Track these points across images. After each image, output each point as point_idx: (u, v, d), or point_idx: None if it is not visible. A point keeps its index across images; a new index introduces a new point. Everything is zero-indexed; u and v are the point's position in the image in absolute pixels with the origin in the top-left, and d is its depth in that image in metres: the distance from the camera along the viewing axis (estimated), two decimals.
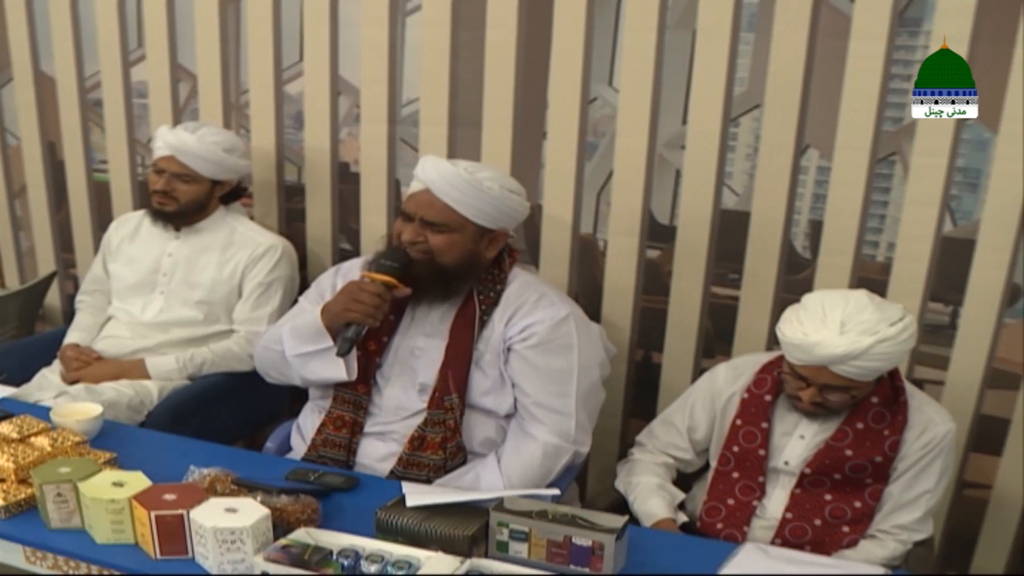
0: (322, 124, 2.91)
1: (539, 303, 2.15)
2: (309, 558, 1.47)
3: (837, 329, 1.90)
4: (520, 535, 1.59)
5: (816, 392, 1.99)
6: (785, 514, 2.07)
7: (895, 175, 2.42)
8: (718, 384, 2.23)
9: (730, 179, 2.54)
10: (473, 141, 2.72)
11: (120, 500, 1.59)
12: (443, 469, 2.10)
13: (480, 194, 2.08)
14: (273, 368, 2.26)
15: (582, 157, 2.63)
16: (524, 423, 2.13)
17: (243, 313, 2.74)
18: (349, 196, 2.97)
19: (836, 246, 2.48)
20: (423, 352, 2.16)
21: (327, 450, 2.16)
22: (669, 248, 2.65)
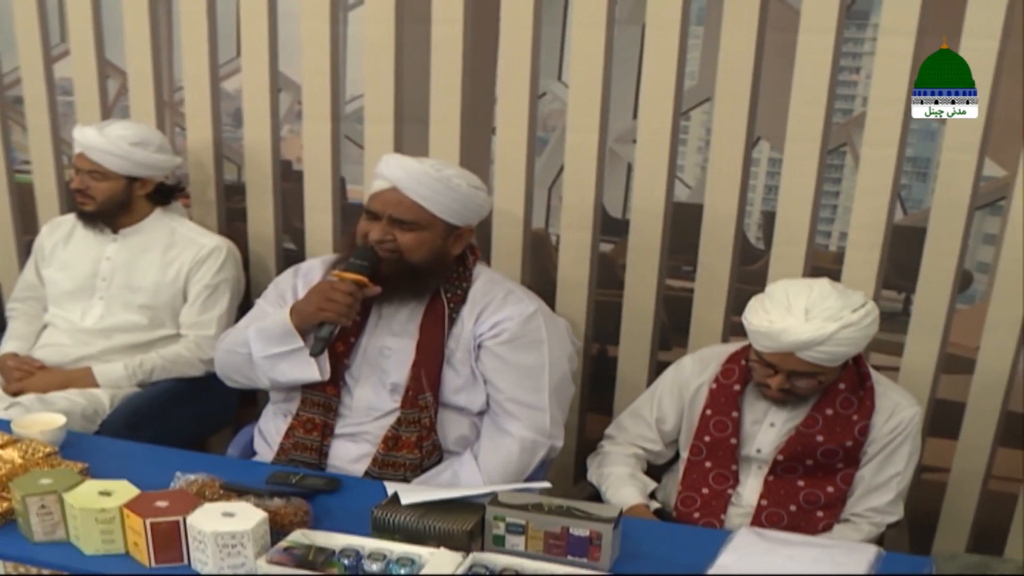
0: (262, 121, 2.97)
1: (507, 299, 2.27)
2: (313, 559, 1.56)
3: (802, 316, 2.05)
4: (517, 528, 1.69)
5: (784, 379, 2.13)
6: (760, 501, 2.23)
7: (846, 165, 2.59)
8: (685, 375, 2.37)
9: (682, 172, 2.69)
10: (420, 137, 2.80)
11: (110, 509, 1.65)
12: (419, 468, 2.21)
13: (449, 191, 2.18)
14: (237, 372, 2.33)
15: (532, 152, 2.74)
16: (499, 419, 2.25)
17: (190, 317, 2.80)
18: (292, 195, 3.05)
19: (789, 236, 2.63)
20: (392, 352, 2.25)
21: (298, 453, 2.25)
22: (622, 242, 2.78)
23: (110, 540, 1.66)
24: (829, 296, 2.09)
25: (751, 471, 2.27)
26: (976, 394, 2.70)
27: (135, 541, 1.64)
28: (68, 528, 1.69)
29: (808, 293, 2.09)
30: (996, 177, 2.51)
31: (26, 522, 1.69)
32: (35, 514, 1.67)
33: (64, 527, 1.69)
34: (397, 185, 2.18)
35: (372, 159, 2.85)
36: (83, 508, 1.65)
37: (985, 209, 2.57)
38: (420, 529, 1.67)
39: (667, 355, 2.85)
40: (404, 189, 2.17)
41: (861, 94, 2.53)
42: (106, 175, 2.77)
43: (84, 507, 1.65)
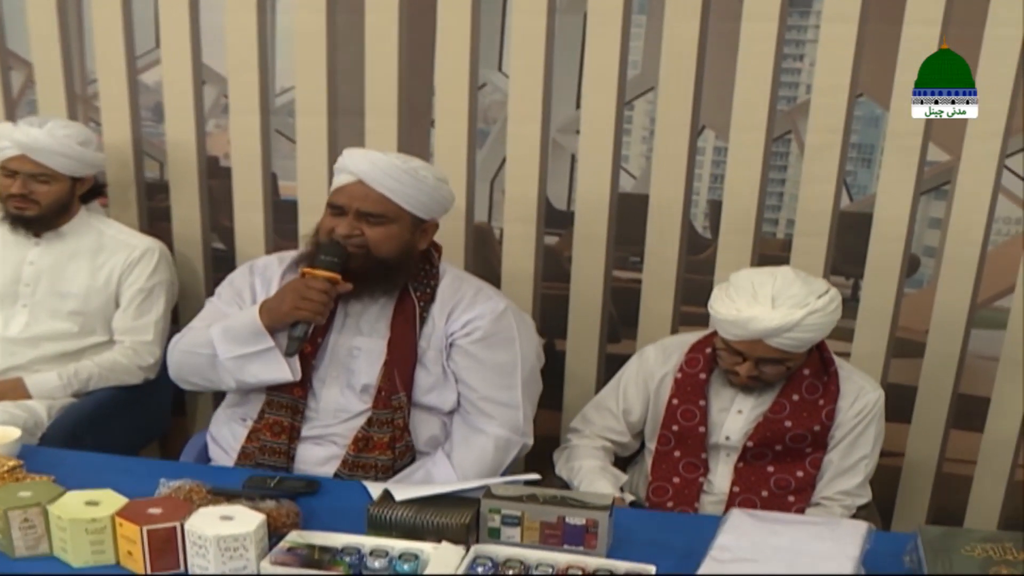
0: (185, 116, 3.08)
1: (477, 297, 2.44)
2: (319, 558, 1.69)
3: (769, 304, 2.26)
4: (512, 520, 1.84)
5: (752, 366, 2.34)
6: (732, 488, 2.43)
7: (791, 153, 2.80)
8: (649, 366, 2.57)
9: (627, 162, 2.87)
10: (355, 131, 2.94)
11: (101, 519, 1.72)
12: (391, 469, 2.35)
13: (416, 183, 2.32)
14: (196, 374, 2.44)
15: (473, 145, 2.90)
16: (471, 418, 2.41)
17: (125, 322, 2.90)
18: (220, 192, 3.16)
19: (736, 225, 2.84)
20: (361, 352, 2.39)
21: (265, 457, 2.37)
22: (568, 234, 2.97)
23: (100, 551, 1.74)
24: (793, 283, 2.30)
25: (720, 459, 2.47)
26: (927, 377, 2.95)
27: (129, 550, 1.73)
28: (52, 541, 1.77)
29: (772, 281, 2.30)
30: (940, 161, 2.74)
31: (6, 537, 1.76)
32: (17, 528, 1.74)
33: (48, 540, 1.77)
34: (363, 178, 2.31)
35: (305, 154, 3.01)
36: (73, 519, 1.72)
37: (930, 194, 2.79)
38: (418, 525, 1.82)
39: (616, 348, 3.04)
40: (370, 182, 2.31)
41: (805, 81, 2.73)
42: (54, 177, 2.83)
43: (74, 518, 1.73)
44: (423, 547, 1.72)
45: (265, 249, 3.15)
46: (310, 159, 3.03)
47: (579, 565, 1.72)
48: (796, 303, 2.26)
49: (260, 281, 2.50)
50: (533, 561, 1.74)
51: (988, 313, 2.89)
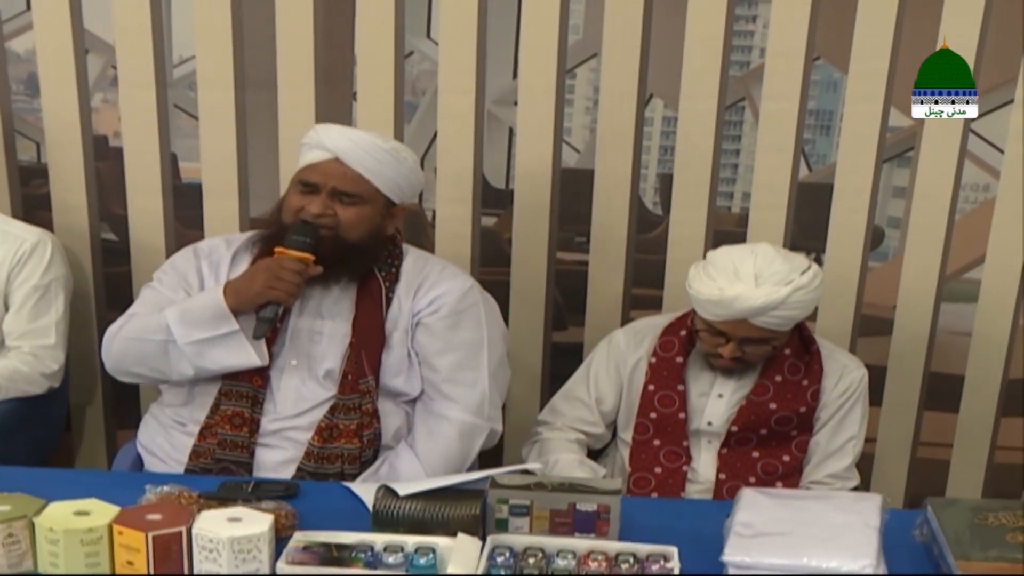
0: (65, 89, 3.30)
1: (443, 275, 2.74)
2: (338, 555, 1.94)
3: (752, 282, 2.59)
4: (521, 509, 2.08)
5: (736, 347, 2.67)
6: (718, 475, 2.77)
7: (745, 122, 3.15)
8: (620, 351, 2.90)
9: (569, 135, 3.20)
10: (267, 105, 3.22)
11: (97, 528, 1.88)
12: (358, 460, 2.62)
13: (396, 164, 2.62)
14: (141, 363, 2.65)
15: (400, 119, 3.20)
16: (433, 404, 2.70)
17: (19, 325, 3.09)
18: (110, 176, 3.39)
19: (689, 200, 3.20)
20: (323, 336, 2.67)
21: (226, 453, 2.61)
22: (507, 214, 3.29)
23: (95, 563, 1.90)
24: (775, 260, 2.64)
25: (702, 446, 2.82)
26: (896, 356, 3.35)
27: (129, 560, 1.92)
28: (37, 557, 1.95)
29: (753, 258, 2.63)
30: (903, 127, 3.12)
31: None
32: (1, 544, 1.93)
33: (32, 556, 1.97)
34: (340, 156, 2.58)
35: (209, 132, 3.28)
36: (68, 530, 1.88)
37: (893, 161, 3.18)
38: (426, 518, 2.08)
39: (563, 336, 3.40)
40: (349, 160, 2.58)
41: (759, 45, 3.09)
42: None
43: (69, 528, 1.89)
44: (437, 541, 1.99)
45: (165, 239, 3.40)
46: (215, 137, 3.28)
47: (600, 550, 1.99)
48: (780, 280, 2.60)
49: (207, 265, 2.75)
50: (553, 548, 2.01)
51: (958, 286, 3.30)
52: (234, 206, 3.34)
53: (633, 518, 2.14)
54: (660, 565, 1.91)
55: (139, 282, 3.41)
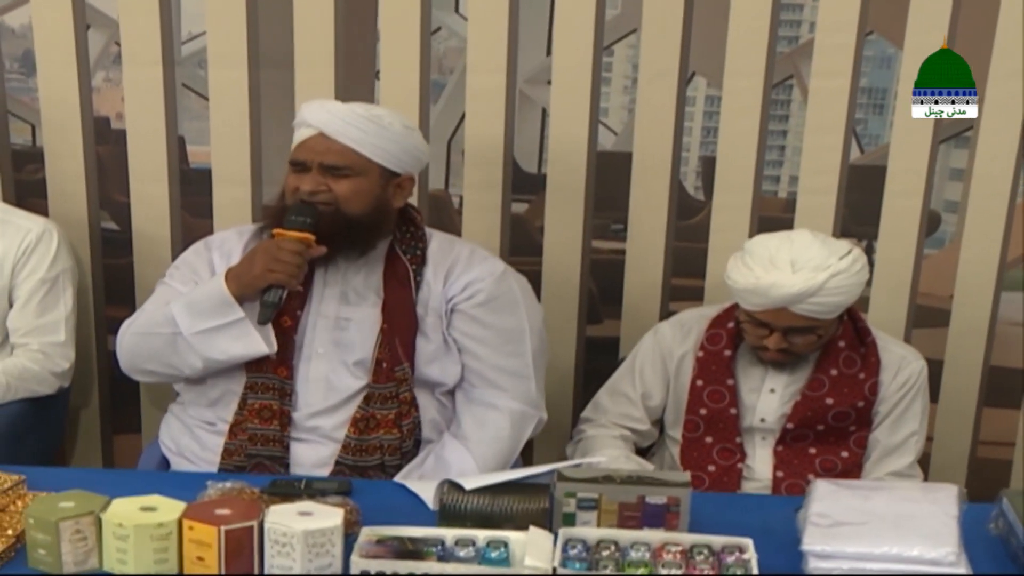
0: (65, 67, 3.45)
1: (472, 259, 2.93)
2: (414, 548, 2.10)
3: (788, 269, 2.77)
4: (589, 503, 2.25)
5: (781, 337, 2.85)
6: (775, 473, 2.97)
7: (793, 101, 3.34)
8: (666, 344, 3.09)
9: (606, 116, 3.39)
10: (283, 85, 3.39)
11: (168, 524, 2.05)
12: (399, 450, 2.80)
13: (381, 131, 2.78)
14: (153, 359, 2.84)
15: (426, 99, 3.38)
16: (479, 392, 2.89)
17: (26, 321, 3.25)
18: (112, 161, 3.55)
19: (732, 184, 3.39)
20: (351, 322, 2.85)
21: (258, 448, 2.79)
22: (539, 200, 3.47)
23: (163, 560, 2.07)
24: (812, 246, 2.83)
25: (756, 442, 3.02)
26: (954, 350, 3.54)
27: (199, 556, 2.07)
28: (103, 554, 2.13)
29: (790, 245, 2.83)
30: None
31: (53, 552, 2.10)
32: (68, 541, 2.09)
33: (97, 554, 2.14)
34: (323, 130, 2.77)
35: (220, 113, 3.45)
36: (138, 525, 2.05)
37: (950, 141, 3.36)
38: (494, 513, 2.27)
39: (597, 330, 3.59)
40: (332, 133, 2.76)
41: (808, 19, 3.28)
42: None
43: (139, 524, 2.05)
44: (508, 534, 2.18)
45: (171, 228, 3.57)
46: (226, 119, 3.46)
47: (674, 542, 2.17)
48: (817, 266, 2.78)
49: (219, 256, 2.94)
50: (626, 541, 2.18)
51: (1019, 273, 3.48)
52: (246, 193, 3.50)
53: (698, 513, 2.30)
54: (736, 557, 2.10)
55: (142, 275, 3.59)
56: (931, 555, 2.05)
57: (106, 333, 3.73)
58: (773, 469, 2.99)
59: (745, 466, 3.01)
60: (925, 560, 2.06)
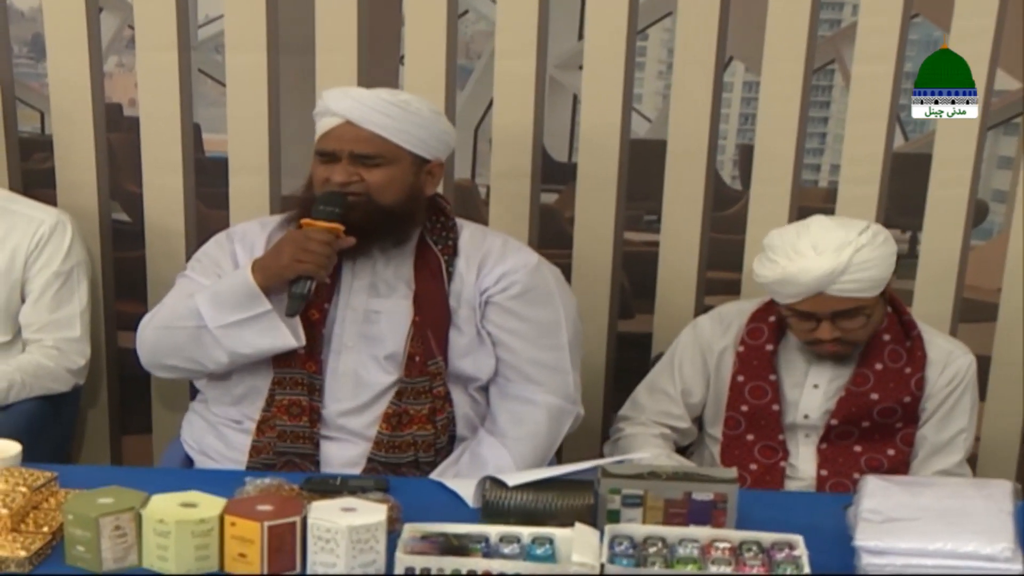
0: (76, 52, 3.54)
1: (506, 250, 3.00)
2: (459, 544, 2.18)
3: (811, 253, 2.85)
4: (634, 500, 2.32)
5: (831, 325, 2.92)
6: (819, 472, 3.05)
7: (835, 86, 3.44)
8: (705, 338, 3.17)
9: (639, 102, 3.47)
10: (304, 70, 3.48)
11: (209, 519, 2.13)
12: (433, 447, 2.88)
13: (409, 116, 2.86)
14: (175, 353, 2.91)
15: (452, 85, 3.45)
16: (515, 387, 2.96)
17: (39, 316, 3.32)
18: (124, 150, 3.67)
19: (771, 173, 3.48)
20: (382, 315, 2.93)
21: (289, 445, 2.87)
22: (569, 190, 3.57)
23: (204, 556, 2.16)
24: (829, 228, 2.91)
25: (799, 440, 3.09)
26: (1002, 345, 3.62)
27: (241, 552, 2.14)
28: (143, 550, 2.21)
29: (807, 231, 2.91)
30: (1009, 91, 3.38)
31: (92, 549, 2.17)
32: (107, 538, 2.16)
33: (137, 550, 2.22)
34: (349, 118, 2.84)
35: (238, 100, 3.54)
36: (179, 521, 2.13)
37: (998, 128, 3.46)
38: (539, 509, 2.36)
39: (629, 325, 3.69)
40: (358, 120, 2.84)
41: (850, 1, 3.33)
42: None
43: (180, 519, 2.14)
44: (554, 531, 2.26)
45: (185, 220, 3.66)
46: (244, 106, 3.55)
47: (723, 538, 2.25)
48: (839, 245, 2.85)
49: (242, 248, 3.02)
50: (674, 538, 2.26)
51: None
52: (263, 183, 3.59)
53: (743, 510, 2.38)
54: (786, 554, 2.18)
55: (154, 269, 3.67)
56: (986, 551, 2.12)
57: (116, 329, 3.82)
58: (817, 467, 3.07)
59: (788, 464, 3.09)
60: (980, 556, 2.13)
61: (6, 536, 2.24)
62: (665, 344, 3.34)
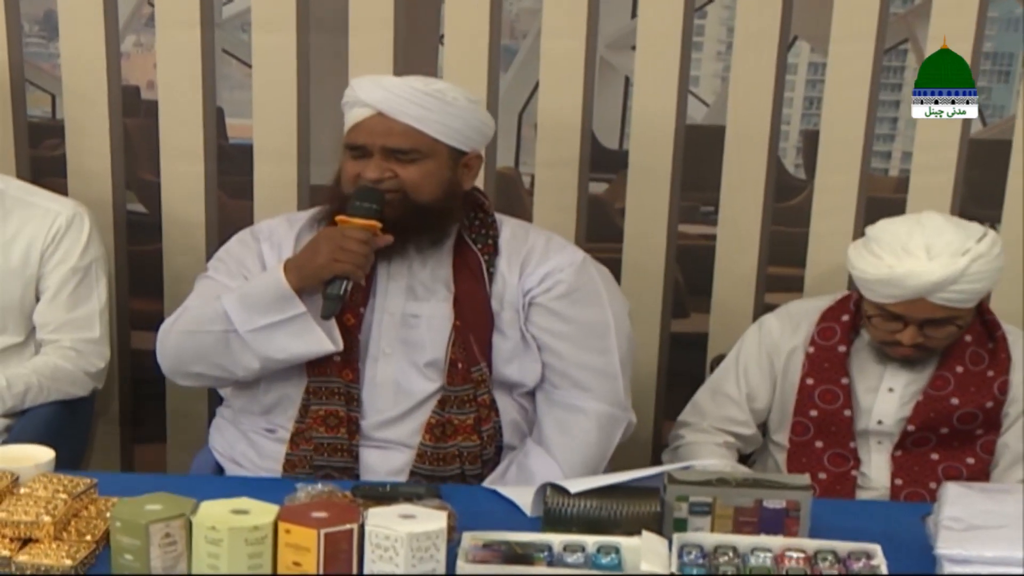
0: (90, 30, 3.64)
1: (549, 248, 3.09)
2: (523, 552, 2.29)
3: (924, 256, 2.93)
4: (703, 508, 2.42)
5: (916, 331, 3.00)
6: (893, 481, 3.13)
7: (908, 68, 3.50)
8: (773, 339, 3.26)
9: (696, 85, 3.57)
10: (336, 51, 3.58)
11: (263, 527, 2.22)
12: (479, 458, 2.97)
13: (445, 107, 2.94)
14: (201, 359, 2.98)
15: (495, 67, 3.56)
16: (562, 394, 3.04)
17: (56, 315, 3.40)
18: (141, 135, 3.74)
19: (837, 161, 3.58)
20: (419, 320, 3.02)
21: (327, 459, 2.95)
22: (620, 179, 3.65)
23: (257, 565, 2.24)
24: (945, 229, 2.98)
25: (871, 447, 3.19)
26: None
27: (295, 560, 2.23)
28: (193, 559, 2.30)
29: (921, 230, 2.99)
30: None
31: (140, 558, 2.26)
32: (157, 545, 2.25)
33: (187, 559, 2.31)
34: (381, 109, 2.92)
35: (264, 82, 3.65)
36: (232, 528, 2.21)
37: None
38: (601, 517, 2.45)
39: (684, 324, 3.77)
40: (391, 112, 2.91)
41: None
42: None
43: (233, 527, 2.22)
44: (621, 540, 2.36)
45: (206, 211, 3.76)
46: (271, 89, 3.65)
47: (797, 547, 2.34)
48: (955, 251, 2.93)
49: (269, 247, 3.10)
50: (745, 547, 2.35)
51: None
52: (291, 171, 3.69)
53: (815, 519, 2.46)
54: (864, 563, 2.28)
55: (171, 263, 3.77)
56: None
57: (129, 329, 3.92)
58: (891, 476, 3.16)
59: (860, 473, 3.18)
60: None
61: (49, 545, 2.34)
62: (722, 345, 3.46)
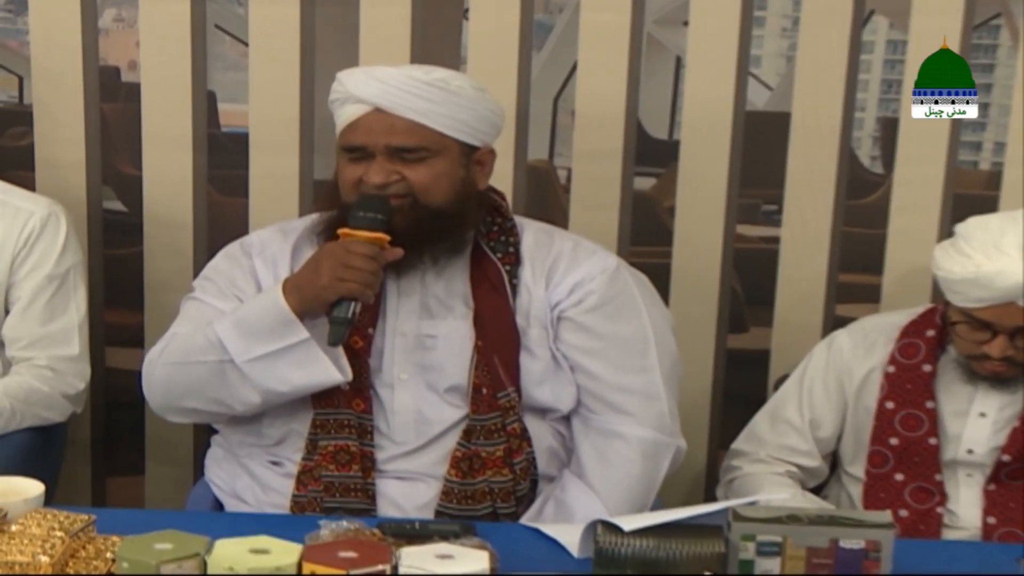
0: (64, 4, 3.67)
1: (578, 253, 3.11)
2: None
3: (1018, 254, 2.96)
4: (772, 548, 2.43)
5: (1006, 342, 3.03)
6: (986, 519, 3.16)
7: (1000, 46, 3.54)
8: (845, 359, 3.28)
9: (758, 66, 3.61)
10: (344, 26, 3.62)
11: (286, 567, 2.26)
12: (512, 494, 3.00)
13: (450, 97, 2.96)
14: (196, 393, 2.99)
15: (527, 45, 3.60)
16: (601, 419, 3.06)
17: (30, 330, 3.43)
18: (120, 122, 3.79)
19: (920, 153, 3.62)
20: (436, 341, 3.05)
21: (339, 499, 2.95)
22: (669, 173, 3.70)
23: None
24: None
25: (959, 480, 3.23)
26: None
27: None
28: None
29: (1014, 226, 3.03)
30: None
31: None
32: None
33: None
34: (378, 104, 2.93)
35: (261, 60, 3.69)
36: (252, 568, 2.26)
37: None
38: (660, 558, 2.47)
39: (742, 340, 3.81)
40: (390, 107, 2.92)
41: None
42: None
43: (253, 567, 2.27)
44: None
45: (194, 209, 3.81)
46: (270, 70, 3.70)
47: None
48: None
49: (262, 263, 3.13)
50: None
51: None
52: (292, 164, 3.73)
53: (897, 561, 2.47)
54: None
55: (153, 269, 3.81)
56: None
57: (104, 345, 3.94)
58: (983, 514, 3.19)
59: (946, 510, 3.20)
60: None
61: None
62: (785, 364, 3.51)
